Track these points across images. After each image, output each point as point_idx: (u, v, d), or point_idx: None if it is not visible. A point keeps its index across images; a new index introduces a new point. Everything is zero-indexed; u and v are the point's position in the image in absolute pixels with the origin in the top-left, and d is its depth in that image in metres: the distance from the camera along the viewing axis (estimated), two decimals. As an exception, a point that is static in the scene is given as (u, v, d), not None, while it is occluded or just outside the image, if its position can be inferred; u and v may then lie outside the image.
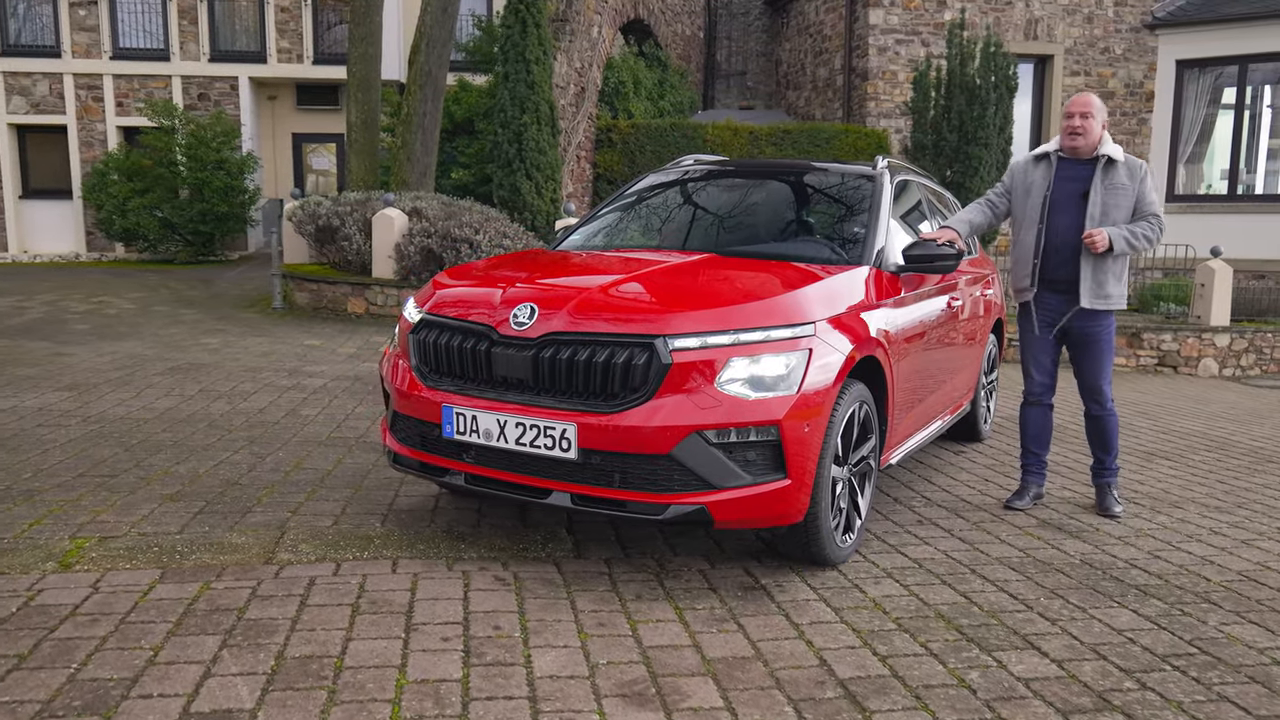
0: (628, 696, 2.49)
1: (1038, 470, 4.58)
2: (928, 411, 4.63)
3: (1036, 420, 4.57)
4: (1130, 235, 4.16)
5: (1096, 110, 4.17)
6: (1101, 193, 4.18)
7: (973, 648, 2.85)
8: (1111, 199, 4.18)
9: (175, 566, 3.29)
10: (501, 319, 3.29)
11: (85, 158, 17.11)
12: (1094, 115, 4.16)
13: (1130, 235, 4.16)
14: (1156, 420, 7.24)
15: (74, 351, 7.96)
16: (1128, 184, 4.19)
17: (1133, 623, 3.09)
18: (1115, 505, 4.43)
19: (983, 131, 12.09)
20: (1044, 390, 4.55)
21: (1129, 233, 4.16)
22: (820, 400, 3.18)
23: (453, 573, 3.32)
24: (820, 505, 3.28)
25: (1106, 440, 4.47)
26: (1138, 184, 4.20)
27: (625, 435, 3.04)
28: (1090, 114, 4.15)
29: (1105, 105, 4.48)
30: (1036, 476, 4.58)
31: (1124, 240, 4.15)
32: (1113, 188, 4.18)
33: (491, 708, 2.40)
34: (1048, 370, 4.53)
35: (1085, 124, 4.16)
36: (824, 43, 16.92)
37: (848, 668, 2.69)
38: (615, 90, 14.76)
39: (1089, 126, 4.16)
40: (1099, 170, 4.20)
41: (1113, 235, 4.12)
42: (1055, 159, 4.32)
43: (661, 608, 3.09)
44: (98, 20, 17.04)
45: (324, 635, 2.78)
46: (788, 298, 3.31)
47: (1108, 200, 4.18)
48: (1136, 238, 4.17)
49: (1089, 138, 4.18)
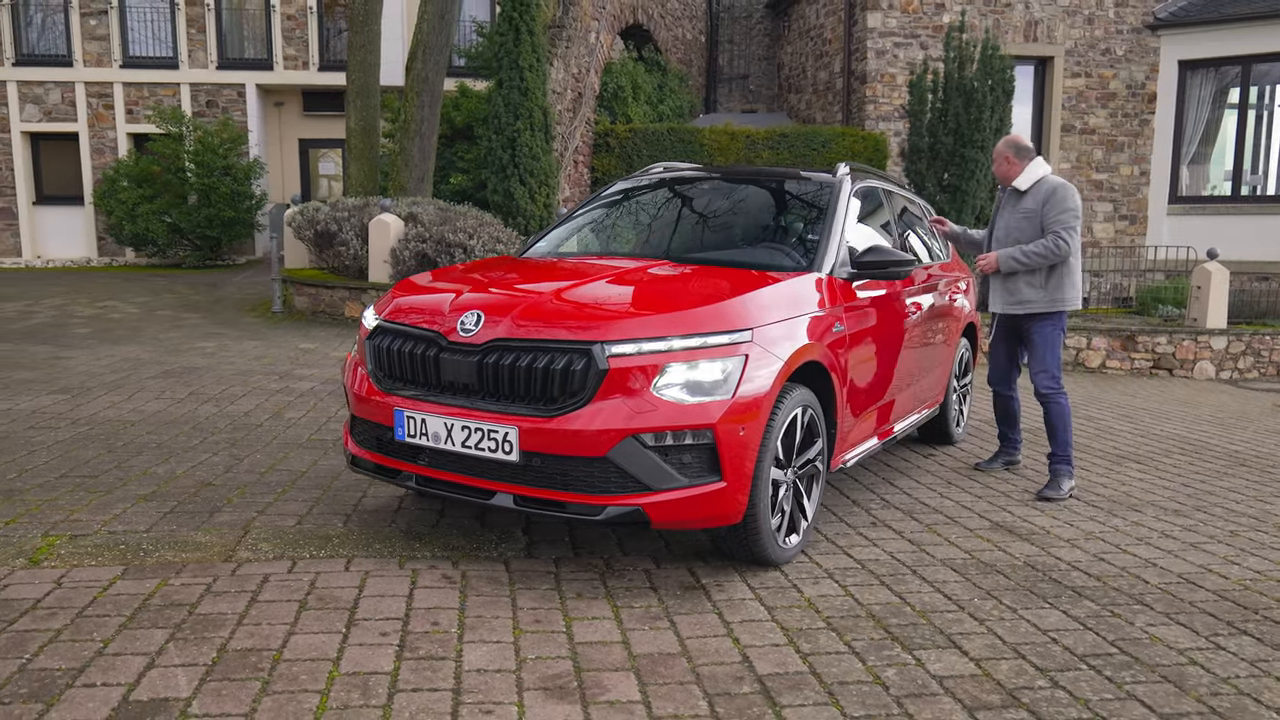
0: (549, 690, 2.59)
1: (1008, 444, 5.44)
2: (888, 415, 4.71)
3: (999, 404, 5.42)
4: (1021, 254, 4.78)
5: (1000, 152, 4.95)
6: (1007, 217, 4.95)
7: (895, 646, 2.94)
8: (1015, 221, 4.89)
9: (138, 564, 3.42)
10: (450, 326, 3.41)
11: (96, 164, 17.39)
12: (998, 157, 4.97)
13: (1021, 254, 4.78)
14: (1137, 423, 7.28)
15: (73, 355, 8.14)
16: (1033, 208, 4.81)
17: (1060, 623, 3.17)
18: (1054, 491, 4.80)
19: (979, 134, 12.12)
20: (998, 380, 5.34)
21: (1020, 252, 4.78)
22: (756, 405, 3.27)
23: (403, 571, 3.43)
24: (759, 507, 3.37)
25: (1049, 427, 4.93)
26: (1042, 206, 4.78)
27: (563, 438, 3.15)
28: (996, 158, 4.98)
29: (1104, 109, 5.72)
30: (1008, 447, 5.44)
31: (1011, 260, 4.80)
32: (1018, 212, 4.88)
33: (415, 699, 2.51)
34: (999, 364, 5.29)
35: (998, 168, 4.98)
36: (824, 46, 16.98)
37: (768, 664, 2.79)
38: (614, 95, 14.88)
39: (1001, 168, 4.96)
40: (1007, 200, 4.99)
41: (1000, 257, 4.85)
42: (1000, 191, 5.13)
43: (599, 606, 3.19)
44: (109, 30, 17.33)
45: (268, 629, 2.89)
46: (725, 305, 3.41)
47: (1011, 222, 4.91)
48: (1028, 255, 4.76)
49: (1001, 171, 4.97)
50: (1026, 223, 4.82)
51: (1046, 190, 4.77)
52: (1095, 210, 15.74)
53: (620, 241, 4.70)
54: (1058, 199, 4.72)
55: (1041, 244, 4.72)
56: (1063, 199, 4.72)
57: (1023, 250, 4.75)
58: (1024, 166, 4.87)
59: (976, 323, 6.28)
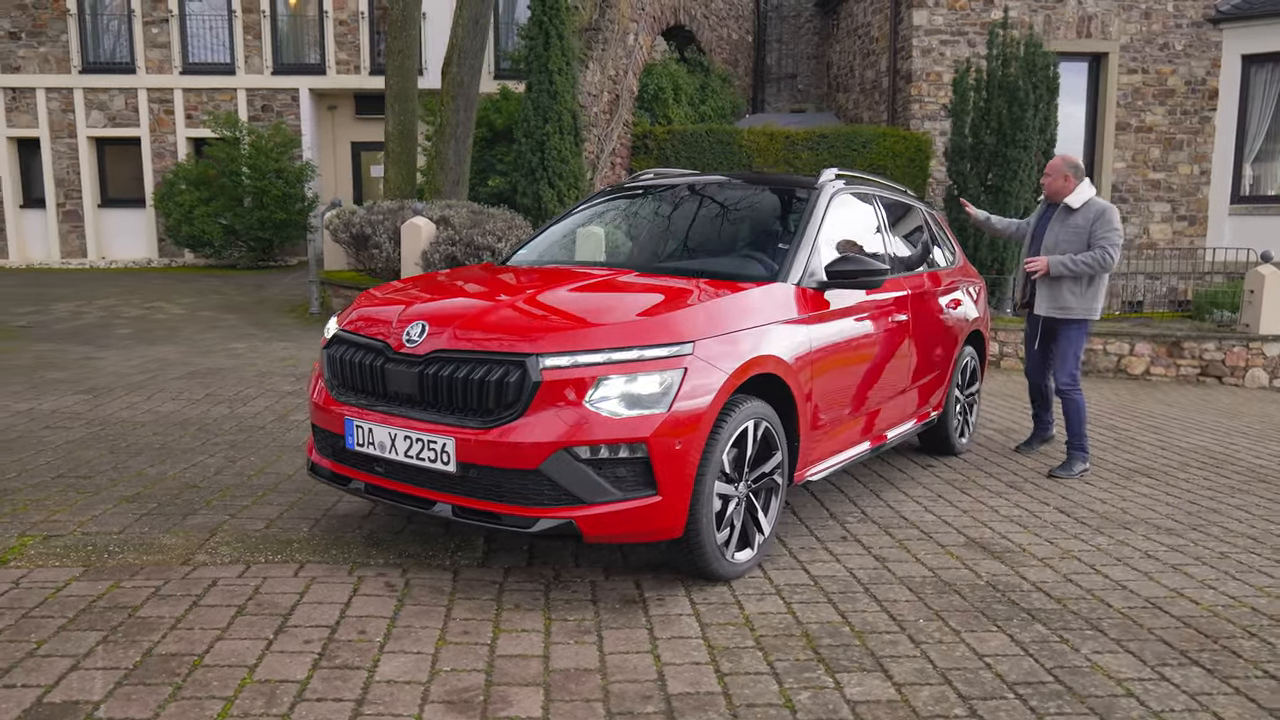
0: (453, 703, 2.60)
1: (1041, 425, 6.06)
2: (869, 426, 4.62)
3: (1034, 390, 6.03)
4: (1070, 261, 5.30)
5: (1057, 169, 5.45)
6: (1058, 230, 5.45)
7: (819, 668, 2.88)
8: (1065, 234, 5.41)
9: (99, 565, 3.54)
10: (396, 336, 3.44)
11: (157, 168, 18.01)
12: (1054, 174, 5.46)
13: (1070, 261, 5.30)
14: (1162, 435, 7.01)
15: (106, 355, 8.45)
16: (1082, 224, 5.35)
17: (1001, 648, 3.07)
18: (1061, 472, 5.45)
19: (1021, 134, 11.80)
20: (1034, 373, 5.93)
21: (1070, 260, 5.29)
22: (696, 418, 3.24)
23: (350, 578, 3.48)
24: (701, 521, 3.34)
25: (1068, 418, 5.55)
26: (1092, 223, 5.33)
27: (497, 450, 3.16)
28: (1052, 175, 5.48)
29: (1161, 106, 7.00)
30: (1041, 428, 6.07)
31: (1062, 266, 5.30)
32: (1068, 227, 5.41)
33: (316, 708, 2.54)
34: (1035, 360, 5.87)
35: (1051, 183, 5.48)
36: (871, 44, 16.72)
37: (681, 684, 2.75)
38: (654, 96, 14.86)
39: (1054, 184, 5.46)
40: (1058, 214, 5.49)
41: (1052, 262, 5.33)
42: (1045, 205, 5.67)
43: (533, 618, 3.20)
44: (169, 37, 17.92)
45: (198, 634, 2.96)
46: (666, 317, 3.37)
47: (1061, 235, 5.43)
48: (1077, 263, 5.29)
49: (1049, 189, 5.49)
50: (1075, 237, 5.34)
51: (1097, 210, 5.33)
52: (1152, 210, 15.21)
53: (596, 250, 4.69)
54: (1106, 218, 5.29)
55: (1091, 256, 5.25)
56: (1110, 219, 5.28)
57: (1072, 259, 5.27)
58: (1077, 185, 5.41)
59: (985, 331, 6.11)
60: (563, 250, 4.81)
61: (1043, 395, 6.00)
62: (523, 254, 4.87)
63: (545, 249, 4.86)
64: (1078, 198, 5.40)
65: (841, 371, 4.21)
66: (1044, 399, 6.02)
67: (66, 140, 17.95)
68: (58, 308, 11.48)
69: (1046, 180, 5.48)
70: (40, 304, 11.77)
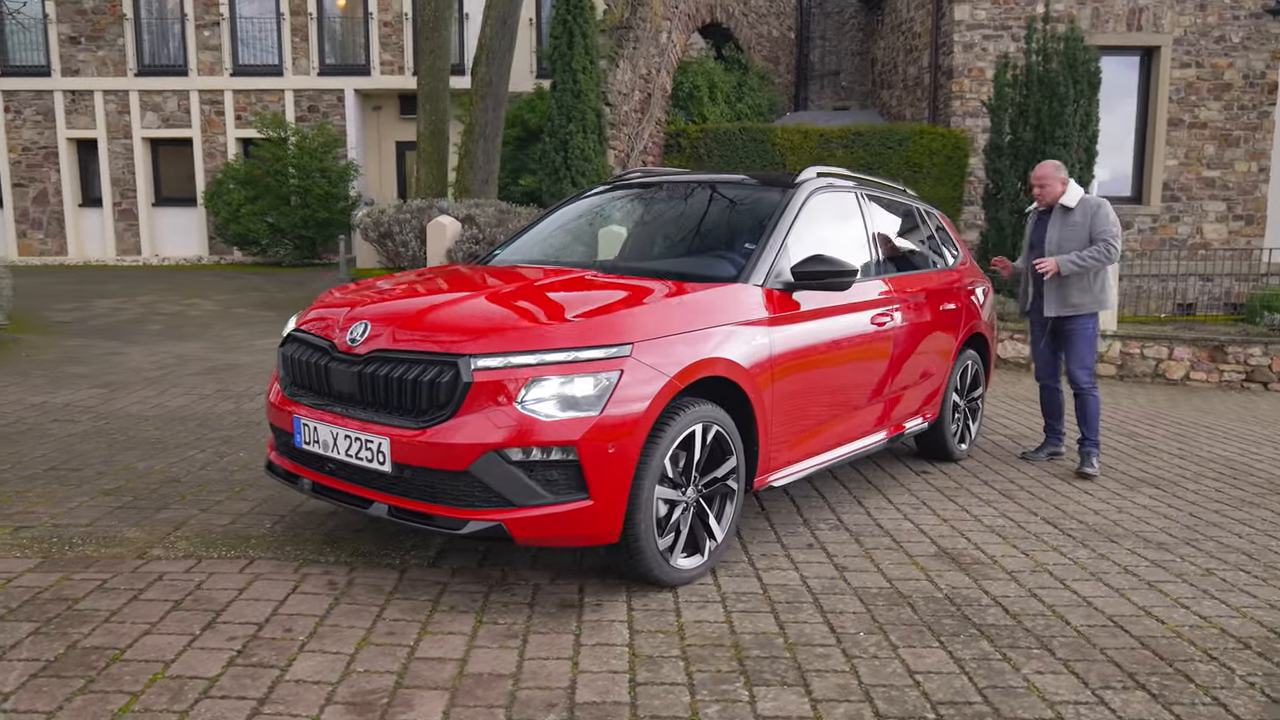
0: (354, 705, 2.59)
1: (1053, 436, 5.90)
2: (846, 432, 4.51)
3: (1046, 398, 5.90)
4: (1078, 259, 5.33)
5: (1049, 174, 5.47)
6: (1058, 231, 5.47)
7: (738, 681, 2.80)
8: (1066, 233, 5.44)
9: (57, 557, 3.61)
10: (341, 336, 3.45)
11: (208, 168, 18.48)
12: (1047, 180, 5.47)
13: (1078, 259, 5.33)
14: (1186, 443, 6.73)
15: (132, 351, 8.68)
16: (1080, 221, 5.39)
17: (937, 665, 2.96)
18: (1089, 468, 5.47)
19: (1061, 130, 11.45)
20: (1045, 375, 5.80)
21: (1077, 257, 5.33)
22: (632, 421, 3.18)
23: (295, 575, 3.50)
24: (639, 526, 3.28)
25: (1083, 415, 5.57)
26: (1089, 219, 5.37)
27: (429, 451, 3.15)
28: (1044, 181, 5.48)
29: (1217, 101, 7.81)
30: (1053, 438, 5.90)
31: (1071, 264, 5.33)
32: (1067, 225, 5.44)
33: (217, 706, 2.55)
34: (1046, 362, 5.77)
35: (1045, 191, 5.49)
36: (914, 40, 16.40)
37: (591, 693, 2.70)
38: (689, 95, 14.78)
39: (1048, 190, 5.48)
40: (1055, 216, 5.51)
41: (1061, 262, 5.35)
42: (1037, 214, 5.72)
43: (465, 621, 3.17)
44: (220, 40, 18.38)
45: (128, 628, 3.00)
46: (604, 319, 3.32)
47: (1063, 235, 5.45)
48: (1084, 259, 5.32)
49: (1046, 195, 5.49)
50: (1076, 235, 5.39)
51: (1093, 206, 5.41)
52: (1206, 210, 14.66)
53: (568, 250, 4.66)
54: (1104, 213, 5.35)
55: (1096, 250, 5.30)
56: (1107, 213, 5.36)
57: (1079, 255, 5.31)
58: (1068, 186, 5.47)
59: (987, 333, 5.93)
60: (542, 249, 4.78)
61: (1056, 403, 5.87)
62: (505, 252, 4.85)
63: (526, 248, 4.84)
64: (1071, 197, 5.45)
65: (810, 375, 4.10)
66: (1057, 407, 5.88)
67: (122, 141, 18.53)
68: (100, 304, 11.85)
69: (1042, 189, 5.49)
70: (85, 300, 12.16)
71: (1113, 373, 10.24)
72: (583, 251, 4.61)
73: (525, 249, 4.82)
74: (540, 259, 4.62)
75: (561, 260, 4.54)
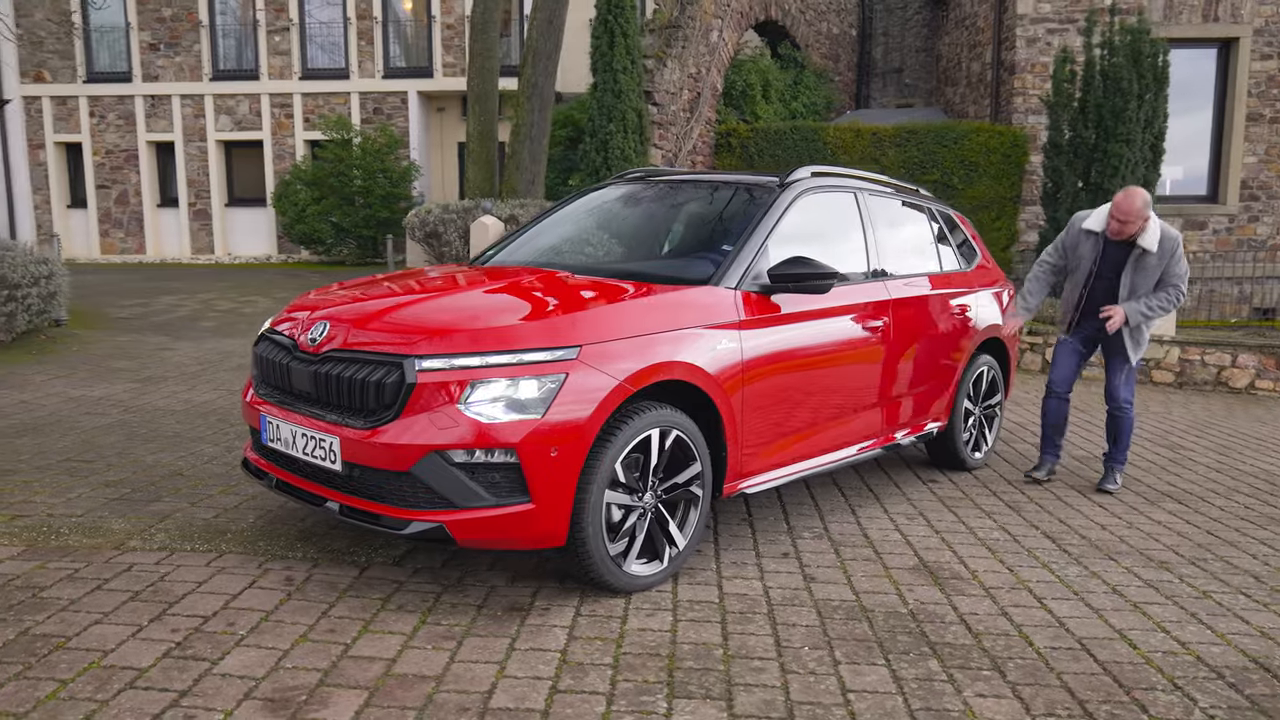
0: (271, 701, 2.62)
1: (1052, 451, 5.39)
2: (832, 439, 4.40)
3: (1054, 410, 5.35)
4: (1146, 309, 4.96)
5: (1138, 213, 4.78)
6: (1132, 274, 4.98)
7: (661, 693, 2.75)
8: (1140, 278, 4.97)
9: (41, 546, 3.75)
10: (302, 335, 3.51)
11: (278, 169, 19.06)
12: (1135, 219, 4.79)
13: (1146, 309, 4.96)
14: (1228, 456, 6.38)
15: (179, 347, 8.99)
16: (1157, 264, 4.91)
17: (875, 684, 2.85)
18: (1111, 484, 5.24)
19: (1123, 127, 11.00)
20: (1061, 385, 5.31)
21: (1145, 306, 4.96)
22: (575, 426, 3.15)
23: (257, 570, 3.57)
24: (586, 530, 3.25)
25: (1117, 433, 5.28)
26: (1166, 261, 4.90)
27: (374, 451, 3.17)
28: (1132, 220, 4.79)
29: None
30: (1050, 455, 5.40)
31: (1139, 314, 4.98)
32: (1143, 269, 4.94)
33: (138, 696, 2.61)
34: (1067, 369, 5.29)
35: (1126, 228, 4.82)
36: (977, 35, 15.94)
37: (508, 698, 2.68)
38: (742, 93, 14.64)
39: (1131, 228, 4.82)
40: (1133, 258, 4.94)
41: (1129, 312, 4.96)
42: (1103, 239, 5.04)
43: (407, 620, 3.19)
44: (290, 45, 18.93)
45: (81, 617, 3.10)
46: (551, 320, 3.30)
47: (1136, 279, 4.98)
48: (1153, 309, 4.96)
49: (1129, 230, 4.84)
50: (1149, 278, 4.95)
51: (1170, 247, 4.89)
52: (1287, 210, 13.89)
53: (556, 250, 4.64)
54: (1180, 255, 4.91)
55: (1164, 297, 4.95)
56: (1181, 254, 4.92)
57: (1148, 305, 4.96)
58: (1148, 224, 4.85)
59: (1005, 339, 5.69)
60: (533, 249, 4.77)
61: (1064, 415, 5.35)
62: (500, 254, 4.86)
63: (519, 248, 4.84)
64: (1152, 239, 4.84)
65: (788, 381, 4.01)
66: (1064, 420, 5.36)
67: (198, 144, 19.24)
68: (162, 300, 12.30)
69: (1125, 225, 4.81)
70: (149, 296, 12.64)
71: (1170, 380, 9.78)
72: (570, 252, 4.58)
73: (516, 249, 4.82)
74: (528, 260, 4.61)
75: (549, 261, 4.51)
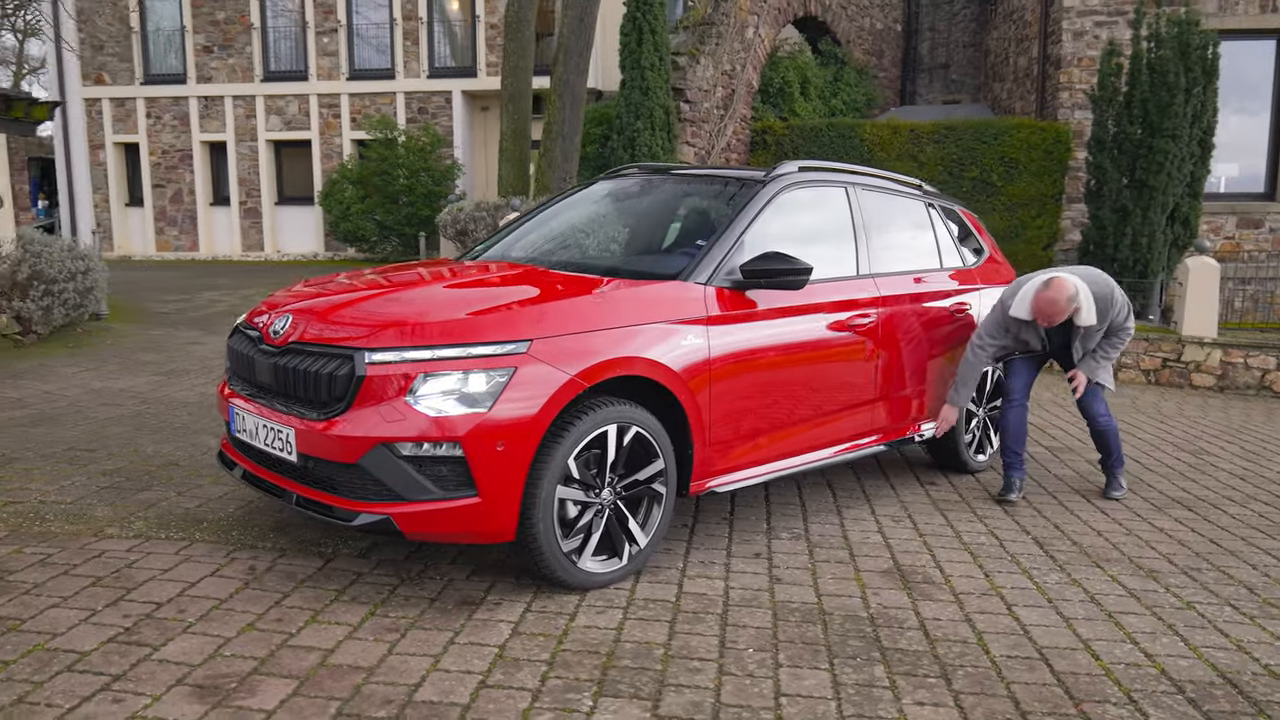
0: (199, 688, 2.65)
1: (1017, 466, 5.06)
2: (812, 438, 4.31)
3: (1015, 419, 5.06)
4: (1101, 361, 5.00)
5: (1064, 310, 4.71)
6: (1081, 340, 4.98)
7: (588, 690, 2.71)
8: (1090, 339, 4.97)
9: (23, 531, 3.86)
10: (267, 328, 3.55)
11: (325, 169, 19.40)
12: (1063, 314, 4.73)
13: (1101, 361, 5.00)
14: (1255, 462, 6.11)
15: (209, 341, 9.20)
16: (1099, 327, 4.89)
17: (813, 689, 2.78)
18: (1116, 491, 5.15)
19: (1169, 122, 10.64)
20: (1020, 392, 5.10)
21: (1097, 360, 5.00)
22: (523, 419, 3.14)
23: (223, 559, 3.62)
24: (537, 526, 3.23)
25: (1105, 445, 5.19)
26: (1107, 318, 4.87)
27: (325, 443, 3.19)
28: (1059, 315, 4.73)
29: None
30: (1017, 472, 5.05)
31: (1097, 370, 5.01)
32: (1090, 334, 4.95)
33: (73, 679, 2.66)
34: (1026, 375, 5.13)
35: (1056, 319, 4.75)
36: (1024, 29, 15.56)
37: (434, 692, 2.68)
38: (779, 90, 14.50)
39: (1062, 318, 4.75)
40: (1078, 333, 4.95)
41: (1087, 372, 5.00)
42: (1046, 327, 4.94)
43: (356, 612, 3.20)
44: (338, 46, 19.26)
45: (41, 601, 3.17)
46: (501, 314, 3.29)
47: (1087, 342, 4.99)
48: (1109, 355, 5.01)
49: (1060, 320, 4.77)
50: (1099, 333, 4.94)
51: (1104, 302, 4.83)
52: (1349, 209, 13.30)
53: (541, 245, 4.62)
54: (1116, 301, 4.86)
55: (1115, 343, 4.99)
56: (1117, 299, 4.87)
57: (1099, 359, 5.00)
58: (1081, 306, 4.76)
59: (1012, 340, 5.53)
60: (520, 245, 4.76)
61: (1024, 423, 5.06)
62: (490, 249, 4.86)
63: (511, 243, 4.83)
64: (1088, 314, 4.76)
65: (761, 378, 3.94)
66: (1024, 429, 5.07)
67: (249, 144, 19.68)
68: (203, 296, 12.62)
69: (1055, 318, 4.72)
70: (192, 292, 12.97)
71: (1211, 384, 9.43)
72: (553, 247, 4.57)
73: (506, 244, 4.81)
74: (512, 255, 4.61)
75: (530, 256, 4.50)
